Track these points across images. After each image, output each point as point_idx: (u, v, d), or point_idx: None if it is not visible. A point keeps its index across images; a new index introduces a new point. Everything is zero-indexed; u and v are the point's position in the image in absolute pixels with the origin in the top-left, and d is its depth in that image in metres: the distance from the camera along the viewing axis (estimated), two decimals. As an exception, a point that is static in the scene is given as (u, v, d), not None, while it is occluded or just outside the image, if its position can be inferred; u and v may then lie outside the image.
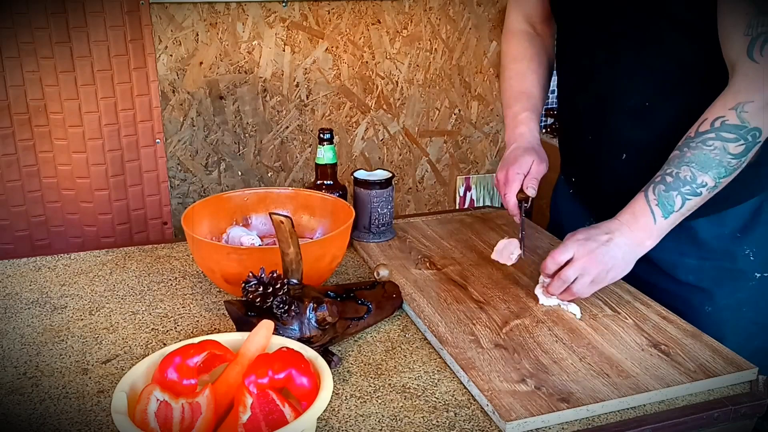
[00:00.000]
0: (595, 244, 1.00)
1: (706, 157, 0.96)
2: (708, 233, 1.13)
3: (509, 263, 1.13)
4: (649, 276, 1.15)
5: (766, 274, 1.13)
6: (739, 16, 0.94)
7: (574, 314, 1.04)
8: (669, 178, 0.99)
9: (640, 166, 1.08)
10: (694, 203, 0.99)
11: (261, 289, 0.86)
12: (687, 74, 1.05)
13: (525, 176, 1.15)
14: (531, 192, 1.15)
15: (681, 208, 0.99)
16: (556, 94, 1.30)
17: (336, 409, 0.84)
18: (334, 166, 1.30)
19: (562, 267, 1.02)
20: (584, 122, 1.20)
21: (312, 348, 0.81)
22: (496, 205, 1.54)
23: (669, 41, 1.04)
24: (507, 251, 1.11)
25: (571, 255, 1.01)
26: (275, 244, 1.04)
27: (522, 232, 1.16)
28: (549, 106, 2.83)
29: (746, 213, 1.12)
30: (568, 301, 1.06)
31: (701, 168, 0.97)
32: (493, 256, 1.14)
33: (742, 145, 0.95)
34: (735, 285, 1.14)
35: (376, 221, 1.31)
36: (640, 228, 1.00)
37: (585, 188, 1.27)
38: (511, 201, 1.15)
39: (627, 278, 1.13)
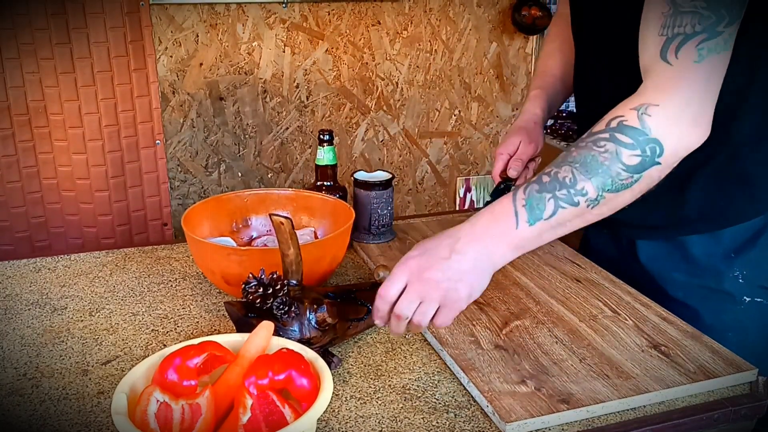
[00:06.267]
0: (432, 260, 0.82)
1: (594, 159, 0.80)
2: (700, 250, 1.08)
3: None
4: (645, 282, 1.14)
5: (757, 299, 1.07)
6: (655, 16, 0.83)
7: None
8: (546, 178, 0.82)
9: None
10: (568, 215, 0.81)
11: (261, 290, 0.86)
12: None
13: (511, 156, 1.16)
14: (512, 173, 1.15)
15: (551, 217, 0.80)
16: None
17: (336, 410, 0.84)
18: (334, 167, 1.30)
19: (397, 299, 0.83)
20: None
21: (312, 349, 0.81)
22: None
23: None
24: None
25: (404, 283, 0.83)
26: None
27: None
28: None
29: (746, 233, 1.07)
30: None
31: (585, 171, 0.80)
32: None
33: (638, 156, 0.80)
34: (720, 307, 1.08)
35: (376, 222, 1.31)
36: (498, 234, 0.82)
37: None
38: (495, 180, 1.17)
39: (628, 283, 1.14)
